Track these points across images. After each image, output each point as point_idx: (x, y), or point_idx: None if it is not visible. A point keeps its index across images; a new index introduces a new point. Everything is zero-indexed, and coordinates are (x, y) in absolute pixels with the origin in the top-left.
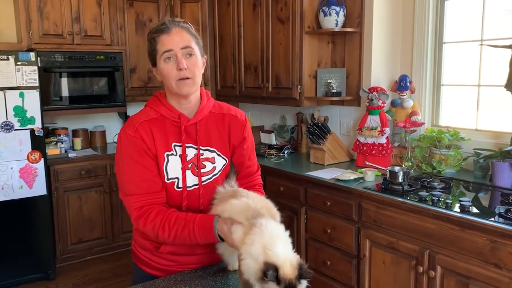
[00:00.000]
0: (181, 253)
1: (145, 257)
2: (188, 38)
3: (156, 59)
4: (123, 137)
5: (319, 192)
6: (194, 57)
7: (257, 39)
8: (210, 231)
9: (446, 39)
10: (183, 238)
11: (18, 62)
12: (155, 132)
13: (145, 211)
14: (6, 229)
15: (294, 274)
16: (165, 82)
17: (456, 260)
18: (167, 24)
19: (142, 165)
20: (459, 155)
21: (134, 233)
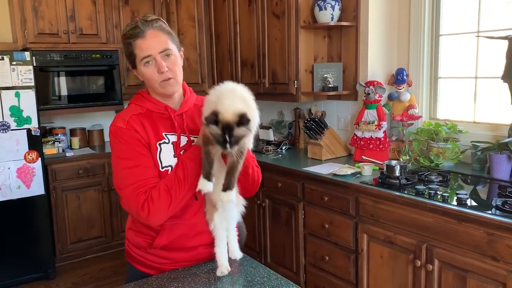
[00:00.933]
0: (175, 247)
1: (138, 256)
2: (164, 40)
3: (135, 63)
4: (115, 131)
5: (316, 188)
6: (173, 56)
7: (253, 35)
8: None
9: (442, 31)
10: (182, 181)
11: (13, 62)
12: (145, 124)
13: (148, 194)
14: (5, 229)
15: (233, 120)
16: (148, 84)
17: (453, 253)
18: (140, 28)
19: (138, 153)
20: (457, 148)
21: (127, 232)
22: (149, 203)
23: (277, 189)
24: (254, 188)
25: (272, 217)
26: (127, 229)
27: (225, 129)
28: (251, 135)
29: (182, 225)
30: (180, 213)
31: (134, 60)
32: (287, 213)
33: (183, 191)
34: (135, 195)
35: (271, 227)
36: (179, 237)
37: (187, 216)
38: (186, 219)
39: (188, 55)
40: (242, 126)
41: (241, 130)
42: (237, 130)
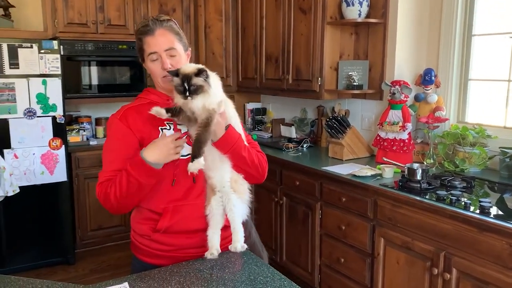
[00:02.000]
0: (178, 230)
1: (143, 245)
2: (171, 39)
3: (144, 57)
4: (109, 121)
5: (334, 188)
6: (177, 57)
7: (279, 30)
8: (143, 164)
9: (475, 31)
10: (125, 185)
11: (41, 50)
12: (142, 114)
13: (107, 183)
14: (28, 214)
15: (192, 72)
16: (153, 78)
17: (473, 263)
18: (150, 26)
19: (116, 147)
20: (484, 154)
21: (132, 221)
22: (98, 196)
23: (295, 187)
24: (258, 173)
25: (289, 215)
26: (132, 218)
27: (184, 78)
28: (233, 119)
29: (185, 207)
30: (182, 195)
31: (143, 54)
32: (304, 212)
33: (125, 195)
34: (98, 183)
35: (287, 225)
36: (182, 218)
37: (191, 198)
38: (190, 200)
39: (214, 48)
40: (200, 76)
41: (199, 79)
42: (195, 79)
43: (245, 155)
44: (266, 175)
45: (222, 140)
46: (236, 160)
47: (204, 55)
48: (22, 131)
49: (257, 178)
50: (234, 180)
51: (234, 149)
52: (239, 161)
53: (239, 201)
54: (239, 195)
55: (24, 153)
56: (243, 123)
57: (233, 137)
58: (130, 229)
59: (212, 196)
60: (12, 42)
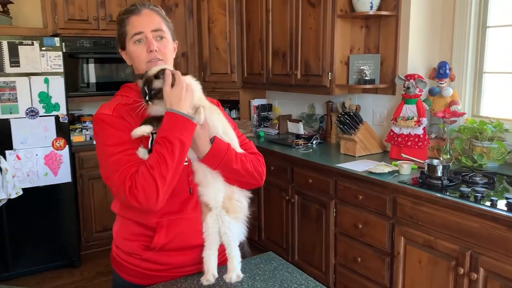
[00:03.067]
0: (175, 247)
1: (130, 265)
2: (159, 21)
3: (125, 42)
4: (100, 118)
5: (350, 185)
6: (165, 39)
7: (286, 24)
8: (175, 117)
9: (490, 22)
10: (170, 152)
11: (43, 47)
12: (132, 113)
13: (132, 180)
14: (31, 216)
15: (152, 74)
16: (135, 65)
17: (501, 262)
18: (137, 6)
19: (125, 139)
20: (503, 148)
21: (115, 235)
22: (135, 191)
23: (307, 185)
24: (254, 179)
25: (301, 213)
26: (115, 233)
27: (145, 82)
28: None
29: (182, 221)
30: (178, 208)
31: (125, 38)
32: (318, 211)
33: (170, 168)
34: (122, 181)
35: (299, 224)
36: (179, 233)
37: (187, 211)
38: (187, 213)
39: (217, 44)
40: (159, 79)
41: (158, 82)
42: (155, 82)
43: (237, 167)
44: (264, 178)
45: (209, 155)
46: (228, 173)
47: (208, 51)
48: (25, 132)
49: (255, 184)
50: (228, 197)
51: (224, 163)
52: (231, 174)
53: (233, 223)
54: (234, 215)
55: (27, 154)
56: (236, 124)
57: (221, 151)
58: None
59: (208, 212)
60: (12, 40)
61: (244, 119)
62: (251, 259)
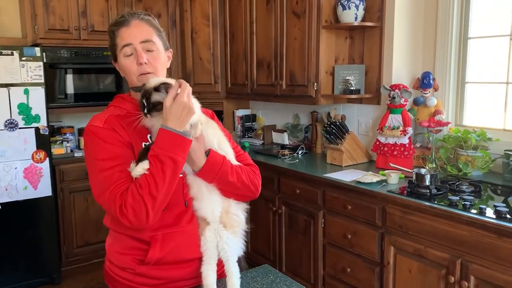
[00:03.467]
0: (171, 261)
1: (124, 280)
2: (148, 31)
3: (116, 54)
4: (91, 131)
5: (338, 195)
6: (156, 51)
7: (271, 35)
8: (169, 135)
9: (471, 34)
10: (160, 172)
11: (23, 57)
12: (125, 125)
13: (123, 199)
14: (10, 231)
15: (152, 86)
16: (127, 78)
17: (492, 270)
18: (126, 17)
19: (117, 153)
20: (488, 157)
21: (108, 250)
22: (125, 211)
23: (295, 196)
24: (250, 192)
25: (288, 224)
26: (108, 248)
27: (143, 94)
28: (213, 132)
29: (177, 234)
30: (173, 221)
31: (115, 50)
32: (306, 221)
33: (160, 187)
34: (112, 199)
35: (287, 235)
36: (175, 247)
37: (182, 224)
38: (182, 226)
39: (201, 54)
40: (159, 92)
41: (157, 95)
42: (154, 96)
43: (233, 180)
44: (260, 189)
45: (205, 169)
46: (224, 186)
47: (191, 61)
48: (3, 144)
49: (250, 196)
50: (225, 211)
51: (220, 176)
52: (227, 187)
53: (231, 238)
54: (232, 229)
55: (5, 167)
56: (230, 135)
57: (216, 164)
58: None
59: (206, 226)
60: None
61: (229, 130)
62: (247, 272)
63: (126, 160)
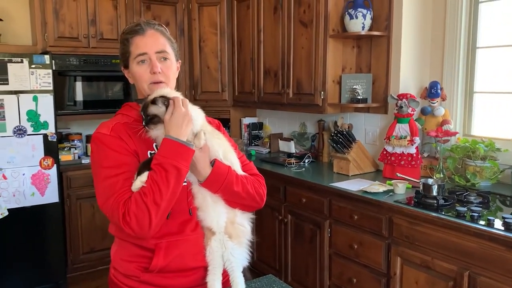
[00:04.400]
0: (174, 269)
1: (127, 287)
2: (163, 42)
3: (128, 61)
4: (98, 138)
5: (345, 205)
6: (169, 61)
7: (278, 43)
8: (172, 144)
9: (480, 43)
10: (164, 179)
11: (32, 65)
12: (131, 133)
13: (126, 207)
14: (17, 237)
15: (150, 99)
16: (137, 85)
17: (500, 283)
18: (142, 26)
19: (122, 161)
20: (496, 167)
21: (113, 258)
22: (128, 219)
23: (301, 205)
24: (255, 202)
25: (294, 234)
26: (113, 255)
27: (142, 107)
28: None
29: (181, 242)
30: (177, 229)
31: (128, 58)
32: (312, 231)
33: (164, 195)
34: (115, 207)
35: (293, 244)
36: (178, 255)
37: (186, 232)
38: (186, 234)
39: (208, 62)
40: (155, 104)
41: (153, 108)
42: (150, 108)
43: (238, 190)
44: (265, 200)
45: (210, 179)
46: (229, 196)
47: (199, 69)
48: (11, 150)
49: (255, 207)
50: (230, 221)
51: (225, 186)
52: (232, 197)
53: (237, 248)
54: (237, 240)
55: (13, 173)
56: (236, 145)
57: (222, 174)
58: None
59: (212, 236)
60: (1, 57)
61: (235, 138)
62: (251, 283)
63: (131, 169)
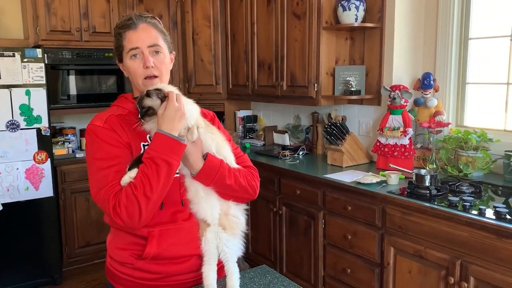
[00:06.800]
0: (167, 257)
1: (123, 274)
2: (155, 35)
3: (122, 55)
4: (91, 130)
5: (338, 196)
6: (162, 54)
7: (271, 36)
8: (163, 138)
9: (472, 34)
10: (155, 173)
11: (24, 59)
12: (125, 125)
13: (117, 199)
14: (11, 232)
15: (144, 94)
16: (132, 79)
17: (492, 271)
18: (133, 20)
19: (114, 154)
20: (488, 157)
21: (109, 248)
22: (118, 210)
23: (295, 196)
24: (248, 194)
25: (289, 225)
26: (108, 244)
27: (138, 101)
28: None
29: (174, 231)
30: (169, 219)
31: (122, 52)
32: (306, 222)
33: (154, 189)
34: (107, 198)
35: (287, 236)
36: (171, 244)
37: (179, 221)
38: (178, 224)
39: (202, 55)
40: (150, 97)
41: (148, 100)
42: (144, 101)
43: (230, 183)
44: (258, 191)
45: (202, 172)
46: (221, 189)
47: (193, 62)
48: (5, 145)
49: (248, 198)
50: (224, 213)
51: (217, 179)
52: (224, 190)
53: (231, 240)
54: (231, 231)
55: (7, 168)
56: (231, 137)
57: (214, 168)
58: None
59: (207, 228)
60: None
61: (230, 131)
62: (245, 273)
63: (123, 161)
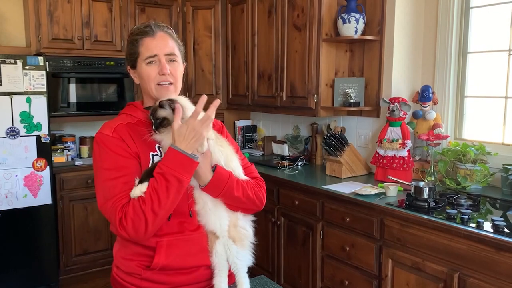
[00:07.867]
0: (175, 268)
1: (130, 285)
2: (172, 44)
3: (136, 62)
4: (100, 139)
5: (337, 207)
6: (177, 63)
7: (272, 47)
8: (177, 155)
9: (470, 48)
10: (164, 189)
11: (26, 66)
12: (134, 134)
13: (124, 212)
14: (9, 239)
15: (157, 105)
16: (144, 85)
17: (490, 284)
18: (152, 27)
19: (122, 164)
20: (486, 170)
21: (116, 258)
22: (124, 223)
23: (294, 207)
24: (255, 206)
25: (287, 236)
26: (115, 254)
27: (151, 112)
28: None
29: (182, 242)
30: (177, 229)
31: (137, 59)
32: (304, 233)
33: (163, 205)
34: (114, 210)
35: (285, 247)
36: (179, 255)
37: (187, 231)
38: (186, 234)
39: (203, 65)
40: (163, 108)
41: (162, 111)
42: (158, 112)
43: (238, 195)
44: (264, 203)
45: (210, 185)
46: (229, 201)
47: (193, 72)
48: (4, 152)
49: (255, 210)
50: (233, 224)
51: (226, 191)
52: (233, 201)
53: (240, 251)
54: (240, 243)
55: (5, 175)
56: (238, 146)
57: (222, 179)
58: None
59: (216, 240)
60: None
61: None
62: None
63: (130, 172)
